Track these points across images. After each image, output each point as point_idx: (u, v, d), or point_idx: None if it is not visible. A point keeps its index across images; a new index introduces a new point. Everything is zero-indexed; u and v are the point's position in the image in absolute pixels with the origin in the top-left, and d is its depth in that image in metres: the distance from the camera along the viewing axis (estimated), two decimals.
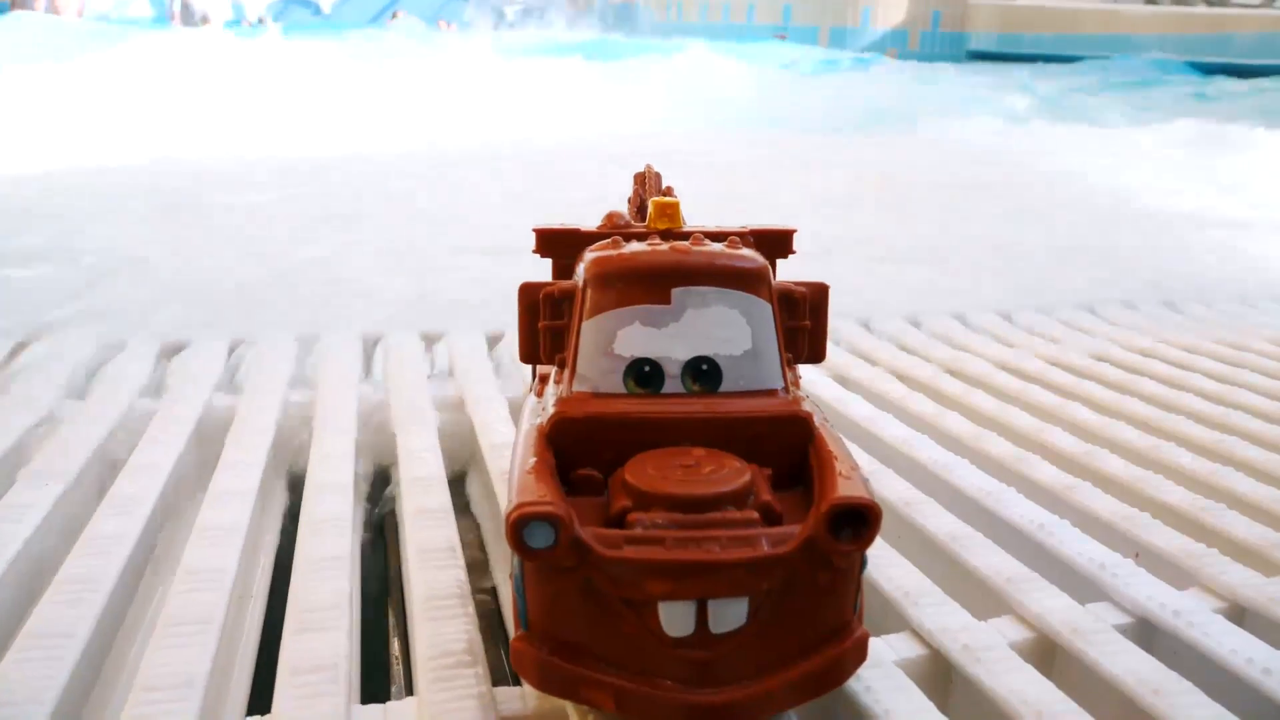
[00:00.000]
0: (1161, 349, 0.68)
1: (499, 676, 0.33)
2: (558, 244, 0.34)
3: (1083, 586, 0.36)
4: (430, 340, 0.65)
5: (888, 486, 0.43)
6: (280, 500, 0.48)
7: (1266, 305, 0.85)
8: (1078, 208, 1.39)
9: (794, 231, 0.35)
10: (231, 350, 0.61)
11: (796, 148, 2.05)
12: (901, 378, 0.61)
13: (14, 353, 0.60)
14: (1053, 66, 5.01)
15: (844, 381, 0.60)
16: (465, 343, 0.63)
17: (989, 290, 0.87)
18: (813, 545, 0.24)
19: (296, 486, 0.45)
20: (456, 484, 0.50)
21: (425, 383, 0.55)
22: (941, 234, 1.17)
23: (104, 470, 0.45)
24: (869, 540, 0.24)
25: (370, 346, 0.63)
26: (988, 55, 6.21)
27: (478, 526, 0.46)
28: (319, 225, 1.07)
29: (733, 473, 0.25)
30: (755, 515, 0.25)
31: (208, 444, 0.48)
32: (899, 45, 6.56)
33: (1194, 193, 1.50)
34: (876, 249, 1.05)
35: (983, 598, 0.35)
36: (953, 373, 0.62)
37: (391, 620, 0.41)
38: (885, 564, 0.36)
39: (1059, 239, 1.15)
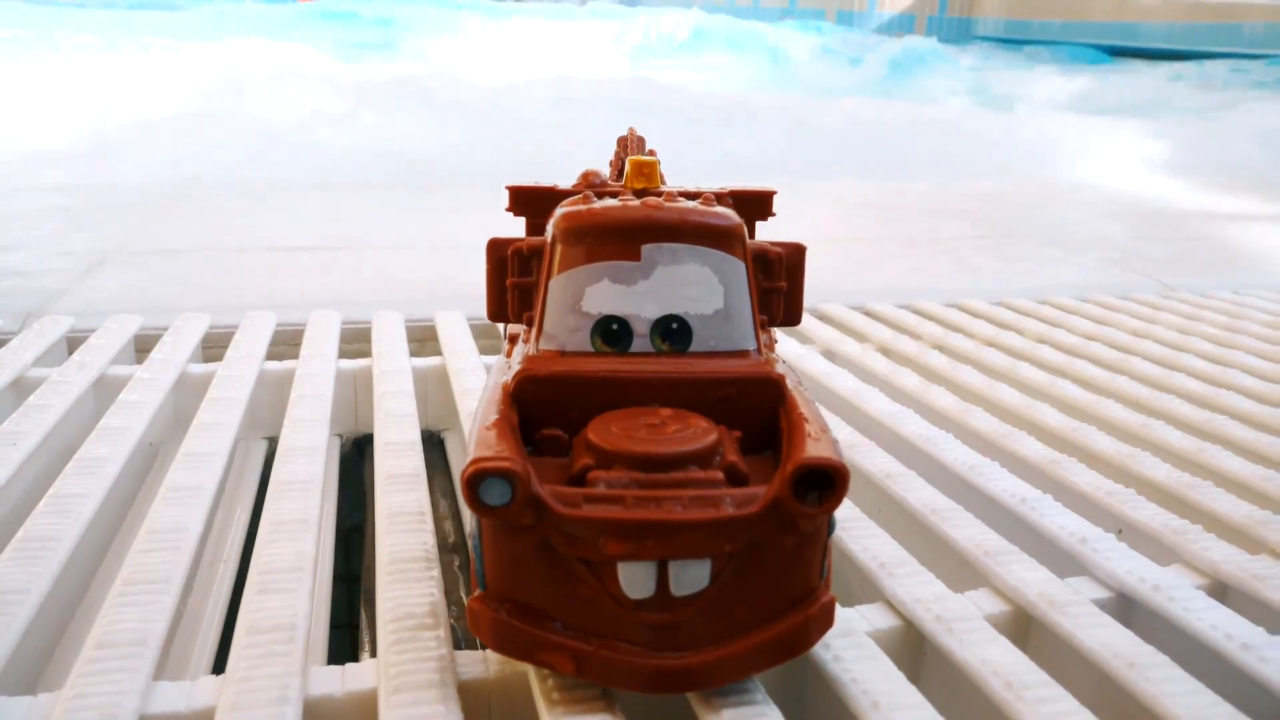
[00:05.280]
0: (1157, 330, 0.67)
1: (466, 642, 0.32)
2: (532, 202, 0.33)
3: (1063, 561, 0.35)
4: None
5: (869, 459, 0.42)
6: (258, 464, 0.48)
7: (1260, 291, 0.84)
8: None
9: (774, 193, 0.34)
10: None
11: None
12: (888, 353, 0.60)
13: None
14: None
15: (831, 356, 0.60)
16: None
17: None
18: (777, 507, 0.23)
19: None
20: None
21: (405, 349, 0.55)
22: None
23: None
24: (835, 503, 0.23)
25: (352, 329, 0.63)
26: (994, 41, 6.17)
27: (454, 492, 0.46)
28: None
29: (698, 432, 0.25)
30: (719, 475, 0.24)
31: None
32: (905, 30, 6.52)
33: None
34: None
35: (960, 570, 0.35)
36: (941, 349, 0.61)
37: (363, 585, 0.41)
38: (862, 535, 0.35)
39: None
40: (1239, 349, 0.63)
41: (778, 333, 0.37)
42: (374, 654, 0.35)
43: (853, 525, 0.36)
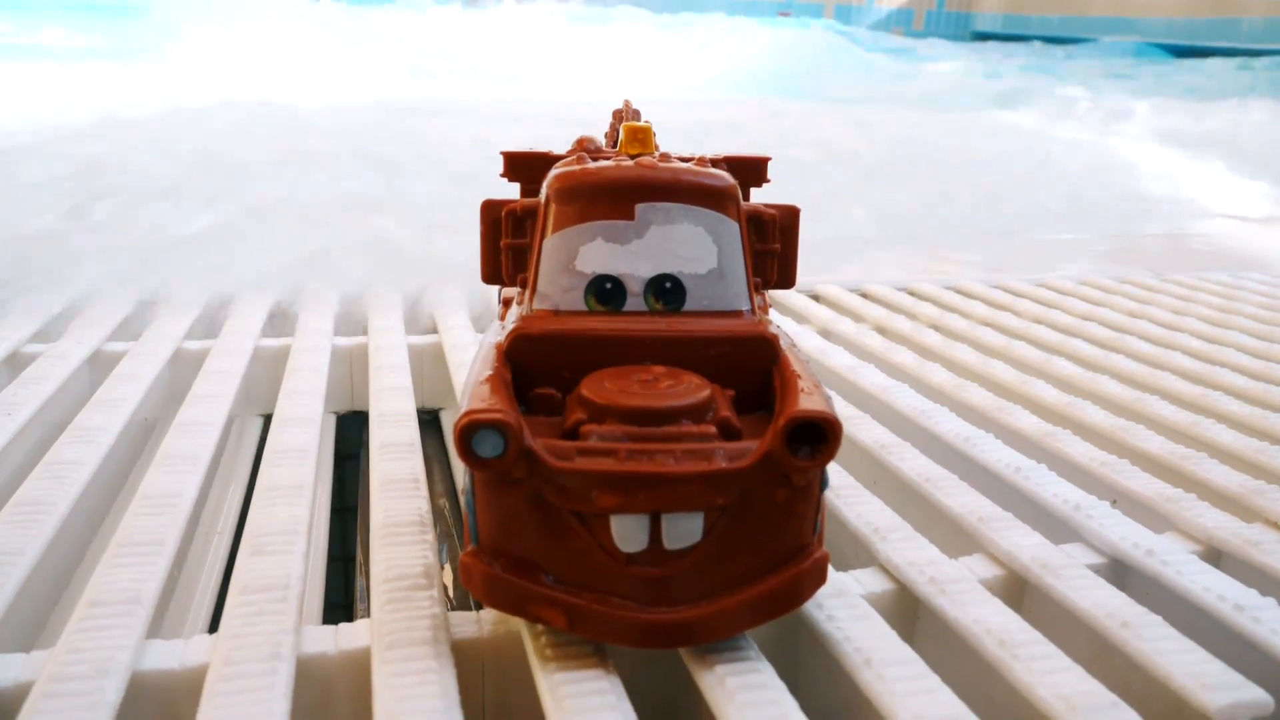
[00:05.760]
0: (1152, 311, 0.67)
1: (462, 604, 0.32)
2: (526, 168, 0.33)
3: (1057, 528, 0.35)
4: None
5: (864, 431, 0.42)
6: (254, 440, 0.48)
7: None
8: None
9: (768, 160, 0.34)
10: None
11: None
12: (884, 332, 0.60)
13: None
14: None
15: (827, 335, 0.60)
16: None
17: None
18: (770, 460, 0.23)
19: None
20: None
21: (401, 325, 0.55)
22: None
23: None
24: (828, 457, 0.23)
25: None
26: (993, 36, 6.16)
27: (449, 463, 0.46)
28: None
29: (691, 388, 0.25)
30: (712, 430, 0.24)
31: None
32: (904, 24, 6.50)
33: None
34: None
35: (954, 536, 0.35)
36: (937, 328, 0.61)
37: (360, 551, 0.41)
38: (856, 502, 0.35)
39: None
40: (1233, 329, 0.63)
41: (773, 311, 0.37)
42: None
43: (846, 493, 0.36)
